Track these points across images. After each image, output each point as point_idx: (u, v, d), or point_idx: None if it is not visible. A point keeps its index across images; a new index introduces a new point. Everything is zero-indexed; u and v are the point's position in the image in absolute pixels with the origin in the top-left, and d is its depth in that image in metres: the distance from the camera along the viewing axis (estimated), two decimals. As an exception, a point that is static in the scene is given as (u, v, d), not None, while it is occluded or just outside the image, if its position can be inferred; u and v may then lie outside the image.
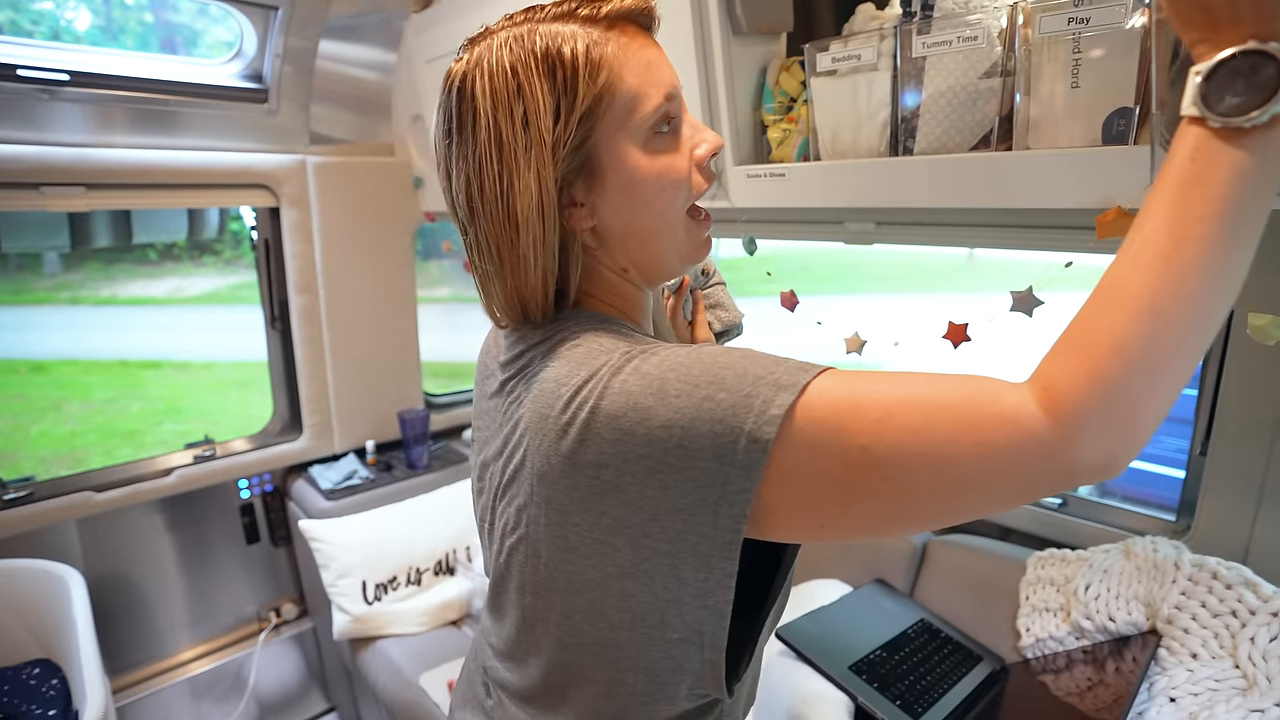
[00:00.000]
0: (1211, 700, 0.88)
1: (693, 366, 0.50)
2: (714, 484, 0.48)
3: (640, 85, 0.56)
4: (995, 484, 0.44)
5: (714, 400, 0.48)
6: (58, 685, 1.41)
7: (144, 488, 1.79)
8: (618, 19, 0.57)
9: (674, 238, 0.61)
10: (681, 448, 0.48)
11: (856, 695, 1.05)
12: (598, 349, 0.55)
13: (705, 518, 0.49)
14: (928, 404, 0.45)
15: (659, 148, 0.58)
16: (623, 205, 0.58)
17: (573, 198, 0.58)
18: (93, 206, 1.60)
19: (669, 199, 0.59)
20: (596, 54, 0.54)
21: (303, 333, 1.94)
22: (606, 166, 0.57)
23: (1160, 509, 1.30)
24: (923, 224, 1.36)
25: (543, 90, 0.54)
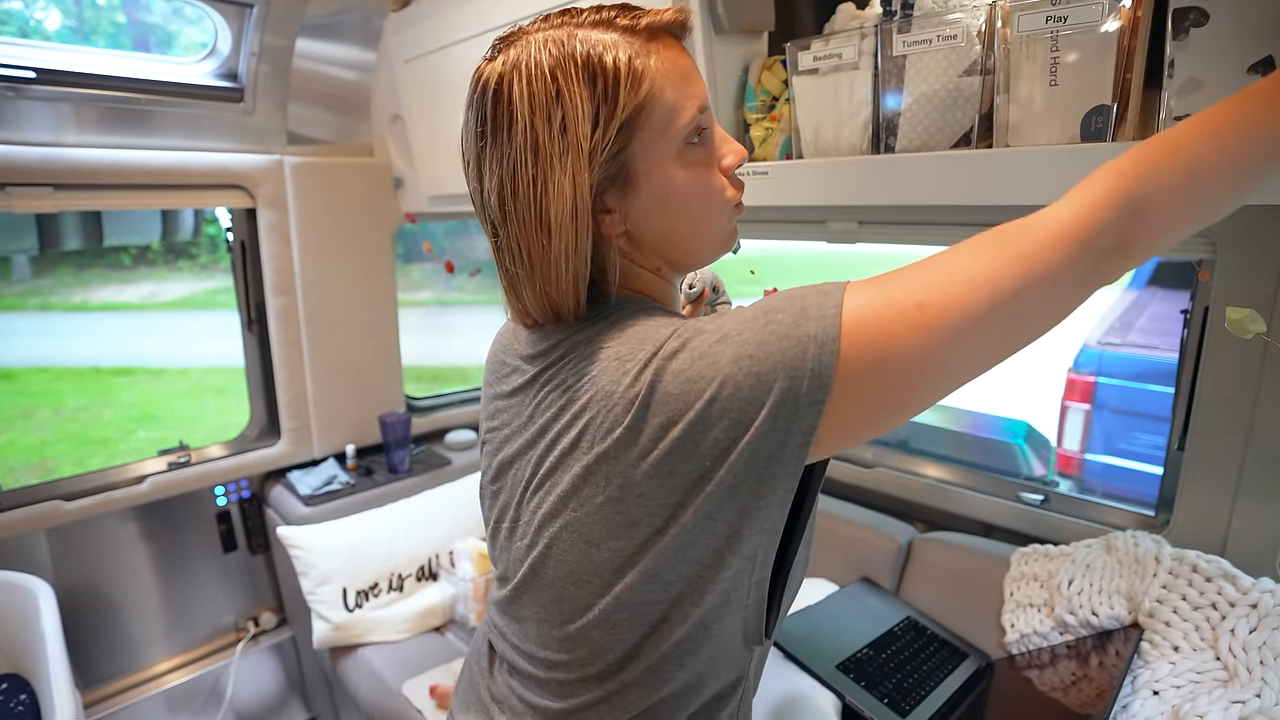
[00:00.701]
0: (1194, 692, 0.89)
1: (745, 311, 0.53)
2: (787, 402, 0.49)
3: (678, 98, 0.57)
4: (1056, 287, 0.52)
5: (774, 322, 0.50)
6: (26, 701, 1.37)
7: (115, 496, 1.74)
8: (657, 31, 0.58)
9: (709, 238, 0.64)
10: (753, 375, 0.49)
11: (844, 694, 1.05)
12: (656, 325, 0.56)
13: (775, 440, 0.50)
14: (944, 257, 0.52)
15: (691, 158, 0.59)
16: (657, 212, 0.60)
17: (605, 204, 0.59)
18: (61, 207, 1.56)
19: (702, 207, 0.61)
20: (640, 65, 0.56)
21: (280, 335, 1.91)
22: (641, 175, 0.58)
23: (1139, 504, 1.32)
24: (904, 223, 1.37)
25: (583, 97, 0.54)
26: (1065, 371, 3.07)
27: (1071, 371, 3.04)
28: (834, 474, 1.65)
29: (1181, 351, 1.21)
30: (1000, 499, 1.42)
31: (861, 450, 1.65)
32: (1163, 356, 2.85)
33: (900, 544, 1.39)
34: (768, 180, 1.10)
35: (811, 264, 10.66)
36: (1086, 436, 2.98)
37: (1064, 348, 3.15)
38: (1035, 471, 2.59)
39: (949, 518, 1.50)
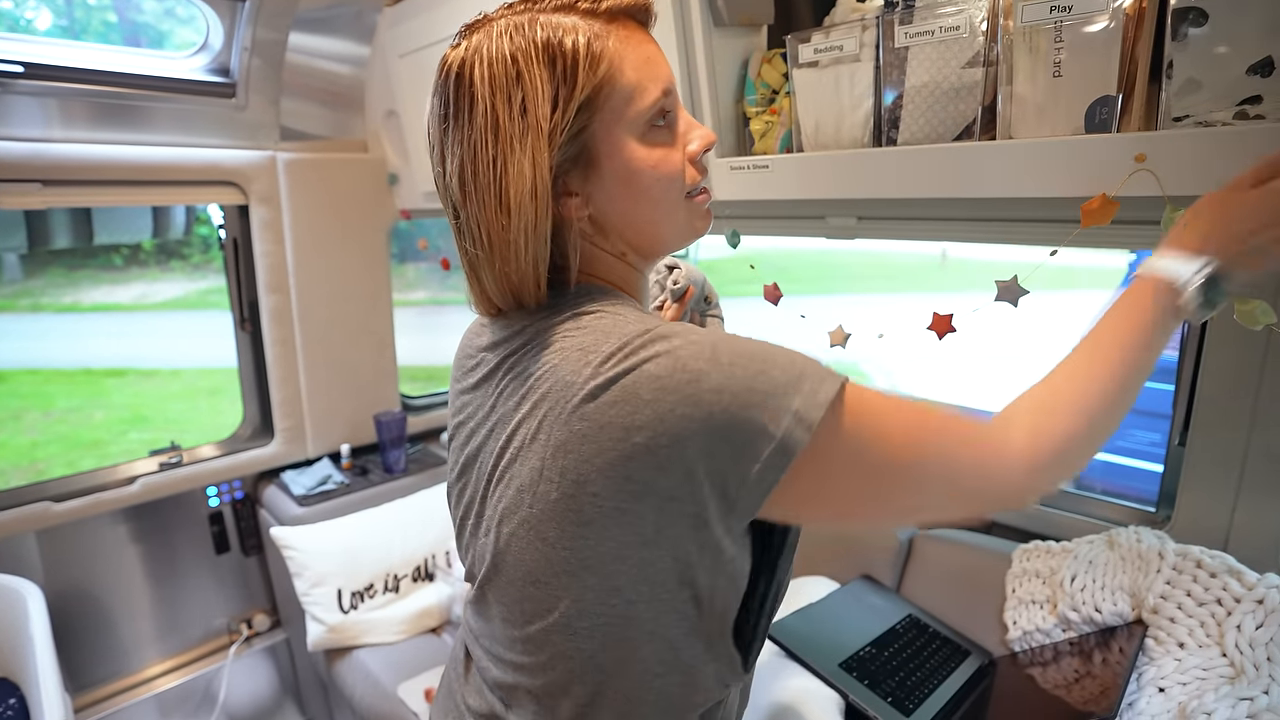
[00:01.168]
0: (1200, 689, 0.88)
1: (742, 342, 0.53)
2: (752, 454, 0.50)
3: (639, 79, 0.57)
4: (977, 496, 0.57)
5: (768, 376, 0.50)
6: (15, 705, 1.35)
7: (106, 497, 1.72)
8: (617, 14, 0.58)
9: (673, 221, 0.63)
10: (729, 413, 0.49)
11: (848, 693, 1.04)
12: (624, 320, 0.56)
13: (734, 484, 0.51)
14: (948, 423, 0.55)
15: (655, 140, 0.60)
16: (619, 194, 0.60)
17: (568, 187, 0.59)
18: (50, 204, 1.54)
19: (663, 189, 0.61)
20: (598, 46, 0.56)
21: (274, 334, 1.89)
22: (603, 157, 0.58)
23: (1138, 501, 1.31)
24: (904, 218, 1.36)
25: (542, 79, 0.55)
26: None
27: (1067, 369, 3.04)
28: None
29: (1182, 346, 1.21)
30: (1000, 496, 1.41)
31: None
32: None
33: (901, 541, 1.38)
34: (768, 174, 1.09)
35: (806, 264, 10.66)
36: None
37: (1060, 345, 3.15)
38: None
39: (949, 515, 1.50)
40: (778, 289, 1.12)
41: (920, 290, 9.41)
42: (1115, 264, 4.74)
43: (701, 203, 0.65)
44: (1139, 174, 0.76)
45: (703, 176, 0.64)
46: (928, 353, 6.09)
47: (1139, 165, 0.76)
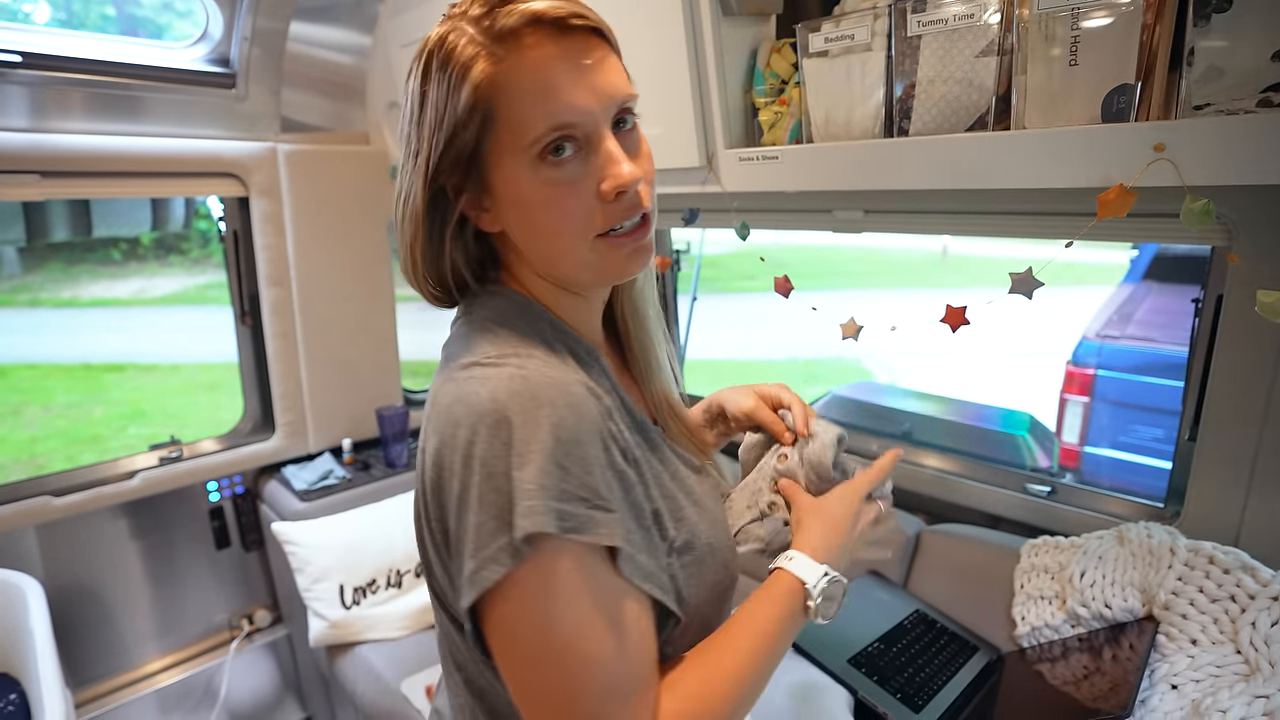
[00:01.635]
0: (1214, 686, 0.87)
1: (472, 490, 0.50)
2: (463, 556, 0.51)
3: (523, 112, 0.52)
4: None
5: (475, 522, 0.50)
6: (16, 700, 1.34)
7: (106, 491, 1.71)
8: (524, 26, 0.52)
9: (576, 261, 0.58)
10: (445, 532, 0.53)
11: (857, 689, 1.03)
12: (489, 336, 0.57)
13: (456, 567, 0.53)
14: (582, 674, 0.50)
15: (551, 176, 0.54)
16: (516, 223, 0.58)
17: (478, 202, 0.58)
18: (48, 195, 1.52)
19: (557, 227, 0.56)
20: (480, 73, 0.52)
21: (275, 328, 1.87)
22: (498, 185, 0.56)
23: (1143, 496, 1.30)
24: (911, 211, 1.35)
25: (435, 97, 0.54)
26: (1064, 364, 3.06)
27: (1070, 364, 3.03)
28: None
29: (1193, 341, 1.19)
30: (1007, 490, 1.40)
31: (866, 442, 1.63)
32: (1162, 349, 2.85)
33: (908, 536, 1.37)
34: (777, 165, 1.08)
35: (806, 259, 10.65)
36: (1085, 429, 2.98)
37: (1062, 340, 3.15)
38: (1040, 463, 2.58)
39: (954, 509, 1.48)
40: (788, 281, 1.11)
41: (921, 286, 9.40)
42: (1117, 259, 4.73)
43: (620, 244, 0.57)
44: (1157, 164, 0.75)
45: (624, 218, 0.56)
46: (931, 348, 6.08)
47: (1158, 155, 0.74)
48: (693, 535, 0.60)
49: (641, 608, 0.54)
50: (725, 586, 0.65)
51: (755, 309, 6.89)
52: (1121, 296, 3.36)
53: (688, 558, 0.59)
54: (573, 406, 0.50)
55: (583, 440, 0.50)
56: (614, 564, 0.52)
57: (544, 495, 0.48)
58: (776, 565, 0.64)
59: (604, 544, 0.50)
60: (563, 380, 0.52)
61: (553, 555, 0.48)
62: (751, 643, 0.59)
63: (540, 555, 0.48)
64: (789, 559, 0.64)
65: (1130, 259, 3.76)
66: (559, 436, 0.49)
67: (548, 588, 0.49)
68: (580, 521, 0.49)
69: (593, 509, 0.50)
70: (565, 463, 0.49)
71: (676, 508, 0.60)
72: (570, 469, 0.49)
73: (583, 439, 0.50)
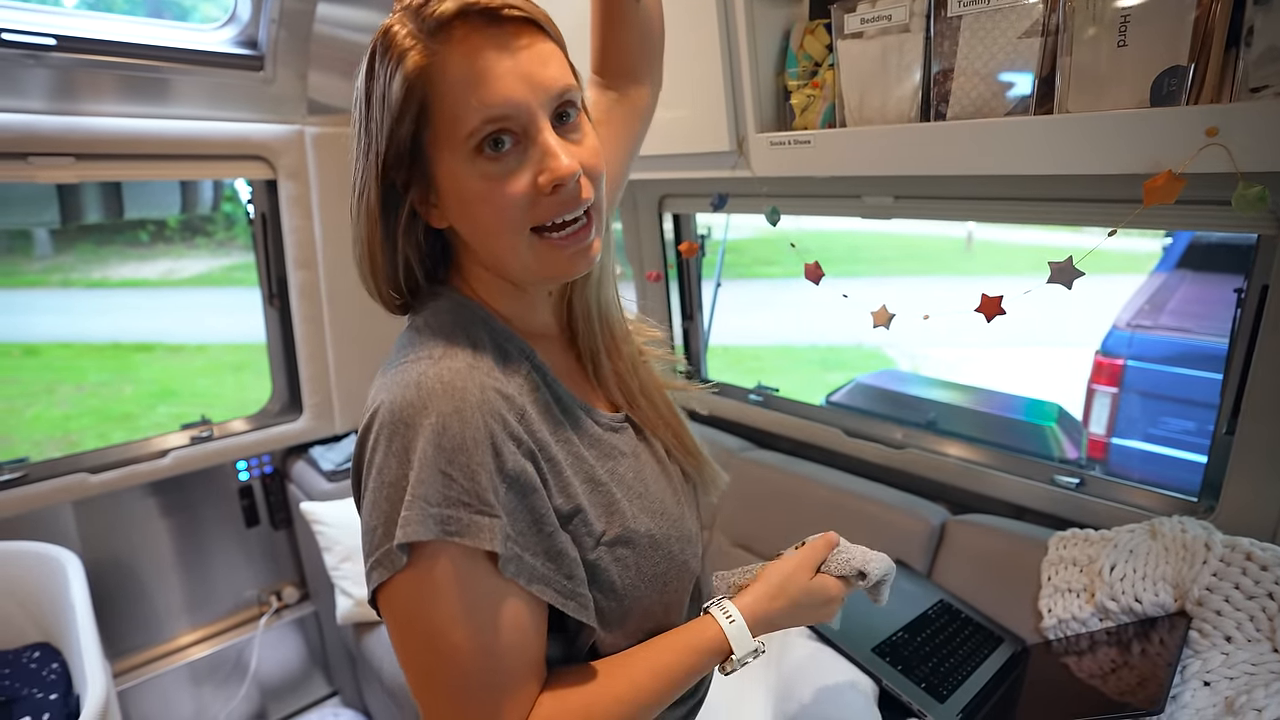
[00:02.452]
0: (1249, 684, 0.86)
1: (383, 490, 0.53)
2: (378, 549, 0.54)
3: (455, 105, 0.52)
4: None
5: (372, 529, 0.53)
6: (58, 669, 1.39)
7: (140, 469, 1.75)
8: (454, 17, 0.51)
9: (516, 256, 0.58)
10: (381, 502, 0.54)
11: (882, 679, 1.03)
12: (421, 342, 0.58)
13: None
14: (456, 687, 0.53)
15: (488, 170, 0.54)
16: (459, 216, 0.58)
17: (425, 197, 0.58)
18: (83, 178, 1.54)
19: (494, 221, 0.56)
20: (413, 64, 0.52)
21: (302, 310, 1.89)
22: (440, 179, 0.56)
23: (1176, 490, 1.27)
24: (943, 198, 1.32)
25: (376, 97, 0.54)
26: (1092, 354, 3.01)
27: (1099, 354, 2.97)
28: (864, 454, 1.62)
29: (1234, 332, 1.16)
30: (1034, 481, 1.38)
31: (891, 430, 1.62)
32: (1196, 339, 2.78)
33: (933, 526, 1.36)
34: (808, 150, 1.06)
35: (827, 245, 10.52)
36: (1113, 421, 2.92)
37: (1090, 330, 3.09)
38: (1067, 454, 2.54)
39: (979, 499, 1.47)
40: (819, 268, 1.09)
41: (945, 273, 9.26)
42: (1149, 247, 4.62)
43: (562, 246, 0.57)
44: (1209, 149, 0.73)
45: (564, 211, 0.55)
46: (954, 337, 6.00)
47: (1210, 140, 0.72)
48: (627, 527, 0.61)
49: (524, 608, 0.55)
50: (671, 577, 0.65)
51: (774, 295, 6.84)
52: (1154, 285, 3.28)
53: (622, 550, 0.61)
54: (460, 413, 0.52)
55: (468, 447, 0.51)
56: (496, 566, 0.53)
57: (425, 503, 0.50)
58: (715, 620, 0.63)
59: (483, 548, 0.51)
60: (460, 386, 0.53)
61: (432, 558, 0.51)
62: (652, 683, 0.59)
63: (420, 558, 0.51)
64: (729, 619, 0.63)
65: (1163, 246, 3.66)
66: (441, 445, 0.51)
67: (425, 588, 0.52)
68: (461, 526, 0.51)
69: (476, 514, 0.51)
70: (449, 470, 0.51)
71: (609, 501, 0.61)
72: (454, 476, 0.51)
73: (468, 445, 0.51)
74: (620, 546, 0.60)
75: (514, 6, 0.53)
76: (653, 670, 0.60)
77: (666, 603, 0.65)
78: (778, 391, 1.84)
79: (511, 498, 0.54)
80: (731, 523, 1.66)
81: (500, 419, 0.54)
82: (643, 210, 1.84)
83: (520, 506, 0.54)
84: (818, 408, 1.79)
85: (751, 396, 1.86)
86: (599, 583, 0.60)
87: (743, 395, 1.89)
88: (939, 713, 1.00)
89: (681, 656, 0.61)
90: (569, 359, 0.70)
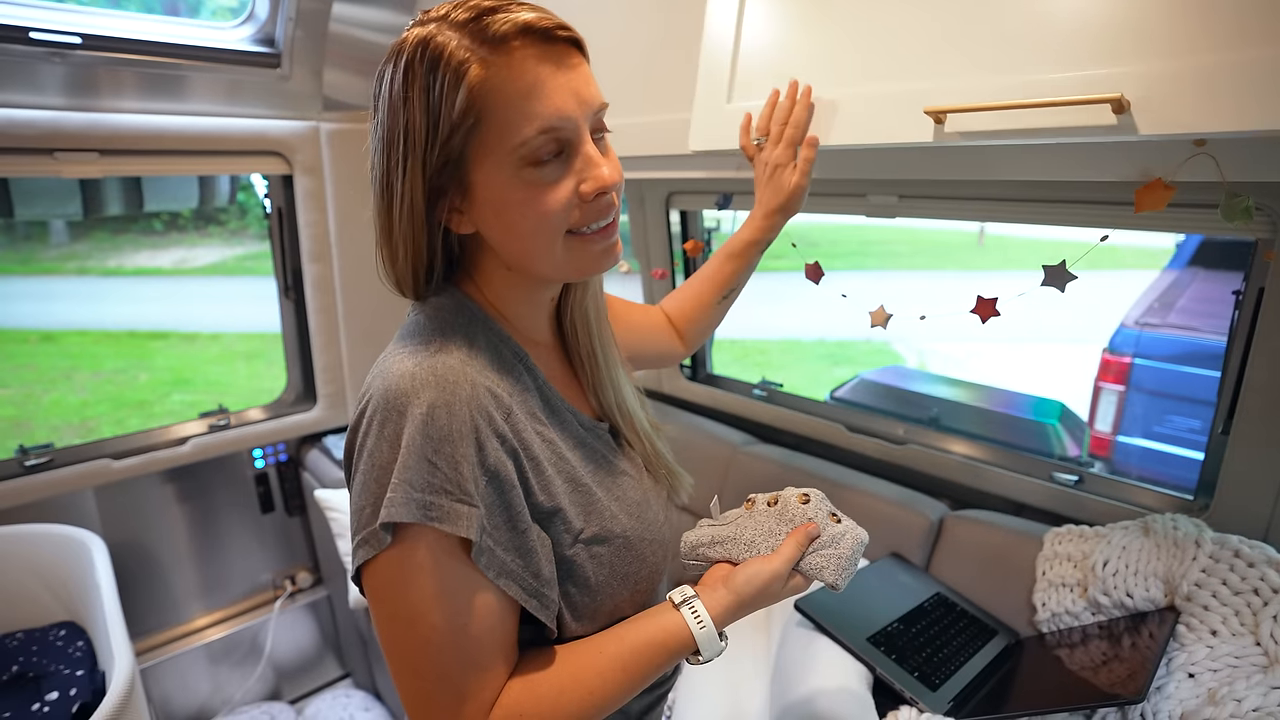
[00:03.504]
0: (1231, 676, 0.88)
1: (373, 473, 0.56)
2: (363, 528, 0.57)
3: (511, 116, 0.55)
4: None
5: (360, 509, 0.57)
6: (83, 647, 1.44)
7: (160, 456, 1.80)
8: (509, 36, 0.54)
9: (549, 258, 0.61)
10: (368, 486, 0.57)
11: (876, 666, 1.06)
12: (416, 343, 0.60)
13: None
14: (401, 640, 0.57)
15: (533, 179, 0.57)
16: (493, 223, 0.60)
17: (452, 202, 0.60)
18: (106, 173, 1.59)
19: (534, 226, 0.59)
20: (472, 76, 0.54)
21: (316, 302, 1.94)
22: (478, 186, 0.58)
23: (1172, 488, 1.30)
24: (946, 197, 1.34)
25: (422, 105, 0.55)
26: (1099, 352, 3.01)
27: (1107, 352, 2.98)
28: (865, 449, 1.64)
29: (1231, 333, 1.18)
30: (1033, 478, 1.41)
31: (893, 426, 1.64)
32: (1204, 339, 2.78)
33: (932, 521, 1.39)
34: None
35: (834, 239, 10.48)
36: (1119, 418, 2.93)
37: (1098, 327, 3.09)
38: (1069, 452, 2.55)
39: (979, 495, 1.49)
40: (819, 268, 1.12)
41: (957, 269, 9.21)
42: (1162, 243, 4.59)
43: (593, 242, 0.61)
44: (1197, 158, 0.75)
45: (600, 218, 0.60)
46: (962, 333, 5.99)
47: (1197, 150, 0.74)
48: (605, 527, 0.65)
49: (493, 598, 0.57)
50: (641, 577, 0.68)
51: (781, 289, 6.83)
52: (1164, 283, 3.27)
53: (598, 548, 0.64)
54: (449, 405, 0.55)
55: (453, 438, 0.54)
56: (469, 556, 0.56)
57: (409, 488, 0.53)
58: (686, 622, 0.62)
59: (460, 535, 0.54)
60: (452, 380, 0.56)
61: (413, 540, 0.54)
62: (620, 678, 0.61)
63: (403, 540, 0.54)
64: (699, 624, 0.62)
65: (1176, 243, 3.65)
66: (428, 434, 0.54)
67: (405, 569, 0.55)
68: (442, 513, 0.54)
69: (457, 502, 0.54)
70: (434, 459, 0.54)
71: (590, 501, 0.64)
72: (439, 465, 0.54)
73: (454, 437, 0.54)
74: (597, 545, 0.64)
75: (565, 29, 0.57)
76: (623, 667, 0.61)
77: (636, 601, 0.69)
78: (781, 387, 1.87)
79: (490, 492, 0.57)
80: (734, 515, 1.69)
81: (487, 415, 0.57)
82: (650, 207, 1.86)
83: (498, 502, 0.57)
84: (821, 403, 1.81)
85: (755, 391, 1.88)
86: (574, 578, 0.63)
87: (747, 390, 1.91)
88: (931, 700, 1.03)
89: (651, 654, 0.62)
90: (562, 365, 0.73)
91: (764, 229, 0.92)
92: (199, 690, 1.98)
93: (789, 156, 0.90)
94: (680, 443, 0.78)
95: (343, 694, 2.01)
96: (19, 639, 1.45)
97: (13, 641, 1.44)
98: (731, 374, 2.01)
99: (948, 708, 1.03)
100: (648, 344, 0.94)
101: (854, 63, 0.89)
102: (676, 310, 0.98)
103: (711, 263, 0.98)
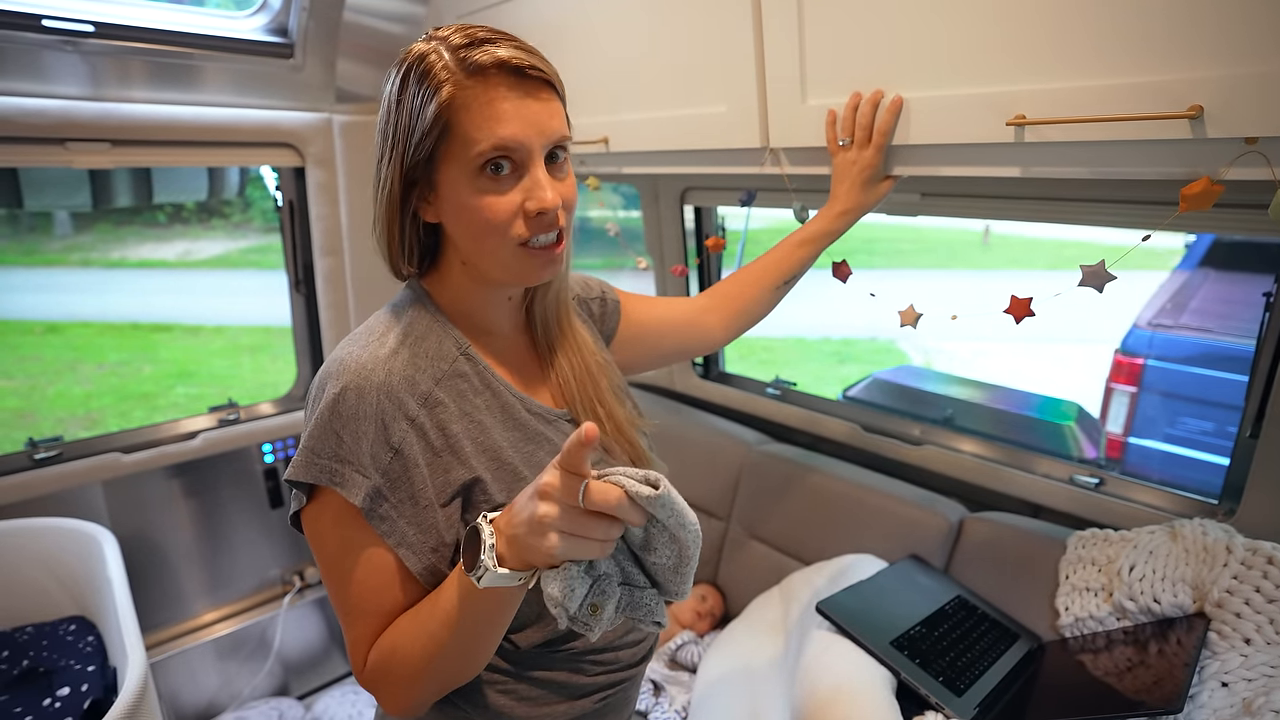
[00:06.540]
0: (1268, 686, 0.87)
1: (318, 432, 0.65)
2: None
3: (474, 131, 0.64)
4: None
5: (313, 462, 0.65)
6: (94, 642, 1.43)
7: (170, 450, 1.79)
8: (491, 66, 0.64)
9: (497, 260, 0.69)
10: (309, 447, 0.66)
11: (900, 671, 1.05)
12: (374, 330, 0.71)
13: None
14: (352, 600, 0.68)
15: (486, 188, 0.66)
16: (452, 218, 0.69)
17: (423, 194, 0.69)
18: (118, 163, 1.57)
19: (484, 231, 0.67)
20: (446, 94, 0.64)
21: (327, 297, 1.92)
22: (443, 184, 0.68)
23: (1196, 492, 1.28)
24: (970, 195, 1.32)
25: (406, 109, 0.66)
26: (1111, 353, 2.99)
27: (1119, 353, 2.96)
28: (881, 450, 1.63)
29: (1261, 335, 1.16)
30: (1052, 480, 1.39)
31: (909, 427, 1.63)
32: (1218, 340, 2.76)
33: (951, 523, 1.38)
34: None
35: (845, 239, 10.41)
36: (1131, 420, 2.91)
37: (1110, 328, 3.07)
38: (1085, 453, 2.54)
39: (997, 497, 1.48)
40: (846, 266, 1.10)
41: (962, 268, 9.19)
42: (1172, 244, 4.56)
43: (537, 255, 0.69)
44: (1247, 155, 0.73)
45: (541, 232, 0.68)
46: (969, 332, 5.96)
47: (1248, 148, 0.72)
48: None
49: (390, 560, 0.67)
50: None
51: (818, 286, 6.81)
52: (1176, 283, 3.25)
53: None
54: (360, 390, 0.64)
55: (359, 418, 0.64)
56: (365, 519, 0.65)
57: (314, 454, 0.64)
58: (486, 569, 0.58)
59: (351, 500, 0.64)
60: (370, 369, 0.66)
61: (323, 501, 0.66)
62: (446, 633, 0.64)
63: (316, 500, 0.66)
64: (492, 571, 0.58)
65: (1186, 244, 3.62)
66: (338, 411, 0.64)
67: (318, 523, 0.67)
68: (340, 478, 0.64)
69: (354, 471, 0.64)
70: (341, 432, 0.64)
71: (514, 477, 0.71)
72: (343, 438, 0.64)
73: (359, 417, 0.64)
74: None
75: (537, 69, 0.66)
76: (446, 621, 0.64)
77: None
78: (795, 385, 1.85)
79: (397, 467, 0.66)
80: (748, 515, 1.68)
81: (397, 400, 0.66)
82: (664, 203, 1.84)
83: (403, 477, 0.66)
84: (835, 402, 1.80)
85: (769, 390, 1.87)
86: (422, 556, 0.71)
87: (760, 388, 1.90)
88: (957, 706, 1.01)
89: (461, 607, 0.63)
90: (527, 356, 0.81)
91: (842, 224, 1.02)
92: (208, 685, 1.97)
93: (879, 159, 0.96)
94: (692, 441, 0.77)
95: (351, 690, 2.01)
96: (29, 633, 1.44)
97: (22, 635, 1.43)
98: (740, 371, 1.99)
99: (974, 713, 1.02)
100: (666, 339, 1.01)
101: (925, 59, 0.89)
102: (730, 293, 1.06)
103: (780, 248, 1.05)
